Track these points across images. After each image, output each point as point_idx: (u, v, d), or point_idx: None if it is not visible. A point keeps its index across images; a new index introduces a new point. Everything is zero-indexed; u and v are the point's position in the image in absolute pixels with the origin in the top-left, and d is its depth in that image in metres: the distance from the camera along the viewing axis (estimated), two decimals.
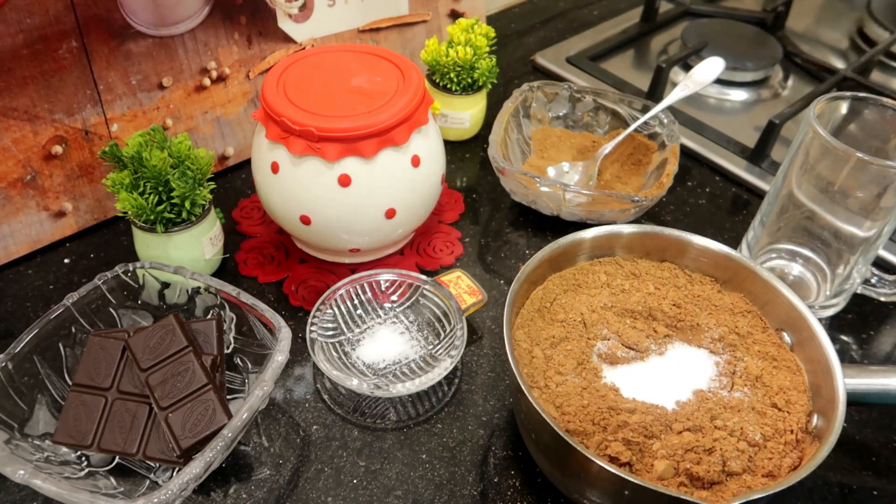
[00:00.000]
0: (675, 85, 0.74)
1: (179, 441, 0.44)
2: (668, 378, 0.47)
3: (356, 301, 0.58)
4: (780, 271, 0.61)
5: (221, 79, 0.67)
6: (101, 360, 0.46)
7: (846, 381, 0.44)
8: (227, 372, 0.51)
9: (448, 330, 0.56)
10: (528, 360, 0.47)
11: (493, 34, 0.73)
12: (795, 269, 0.61)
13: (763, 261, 0.61)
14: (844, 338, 0.60)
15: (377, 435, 0.51)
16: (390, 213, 0.56)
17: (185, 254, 0.57)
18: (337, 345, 0.55)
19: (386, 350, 0.55)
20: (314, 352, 0.52)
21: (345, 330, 0.57)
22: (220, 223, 0.60)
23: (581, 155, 0.73)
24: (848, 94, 0.55)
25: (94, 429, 0.45)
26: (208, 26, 0.64)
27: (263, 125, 0.55)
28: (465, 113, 0.74)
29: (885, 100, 0.54)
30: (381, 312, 0.58)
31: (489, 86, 0.74)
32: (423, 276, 0.57)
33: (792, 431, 0.44)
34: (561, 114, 0.75)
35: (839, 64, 0.91)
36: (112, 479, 0.45)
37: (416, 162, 0.56)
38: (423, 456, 0.50)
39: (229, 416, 0.44)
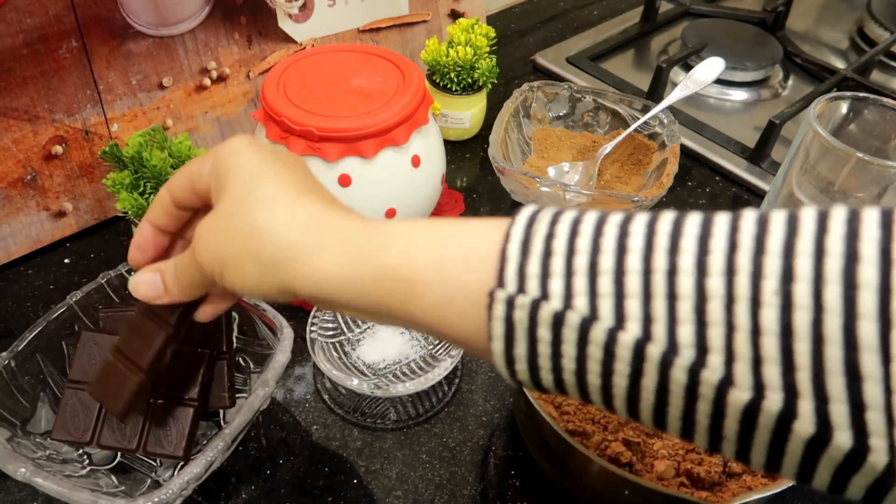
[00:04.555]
0: (675, 85, 0.74)
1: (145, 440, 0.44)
2: None
3: None
4: None
5: (222, 79, 0.67)
6: (95, 356, 0.46)
7: None
8: None
9: None
10: None
11: (493, 34, 0.73)
12: None
13: None
14: None
15: (377, 435, 0.51)
16: (390, 213, 0.56)
17: None
18: (337, 345, 0.55)
19: (386, 350, 0.55)
20: (314, 352, 0.52)
21: (345, 330, 0.57)
22: None
23: (581, 155, 0.73)
24: (848, 94, 0.55)
25: (93, 425, 0.45)
26: (208, 26, 0.64)
27: (263, 125, 0.55)
28: (465, 113, 0.74)
29: (885, 100, 0.55)
30: None
31: (489, 86, 0.74)
32: None
33: None
34: (561, 114, 0.75)
35: (839, 64, 0.91)
36: (113, 478, 0.45)
37: (416, 162, 0.56)
38: (424, 456, 0.50)
39: (186, 455, 0.44)
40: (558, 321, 0.25)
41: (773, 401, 0.22)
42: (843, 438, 0.21)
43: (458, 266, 0.27)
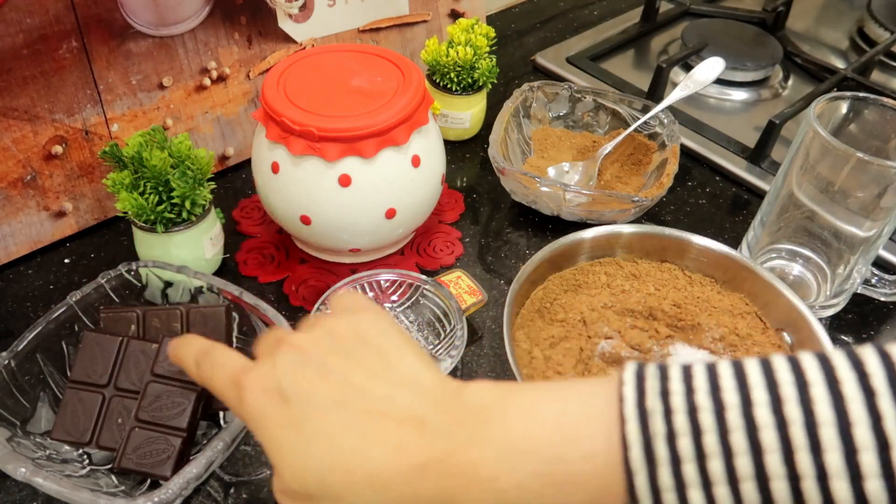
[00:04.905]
0: (675, 85, 0.74)
1: (123, 457, 0.43)
2: None
3: None
4: (781, 271, 0.61)
5: (222, 79, 0.67)
6: (97, 356, 0.46)
7: None
8: None
9: (448, 330, 0.56)
10: (528, 360, 0.47)
11: (493, 34, 0.73)
12: (795, 269, 0.61)
13: (763, 261, 0.61)
14: (844, 338, 0.60)
15: None
16: (390, 213, 0.56)
17: (186, 253, 0.57)
18: None
19: None
20: None
21: None
22: (221, 223, 0.60)
23: (581, 155, 0.73)
24: (848, 94, 0.55)
25: (93, 426, 0.45)
26: (208, 26, 0.64)
27: (263, 125, 0.55)
28: (465, 113, 0.74)
29: (885, 100, 0.55)
30: None
31: (489, 86, 0.74)
32: (424, 276, 0.58)
33: None
34: (561, 114, 0.75)
35: (839, 64, 0.91)
36: (113, 478, 0.45)
37: (416, 162, 0.56)
38: None
39: (173, 473, 0.43)
40: None
41: None
42: None
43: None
